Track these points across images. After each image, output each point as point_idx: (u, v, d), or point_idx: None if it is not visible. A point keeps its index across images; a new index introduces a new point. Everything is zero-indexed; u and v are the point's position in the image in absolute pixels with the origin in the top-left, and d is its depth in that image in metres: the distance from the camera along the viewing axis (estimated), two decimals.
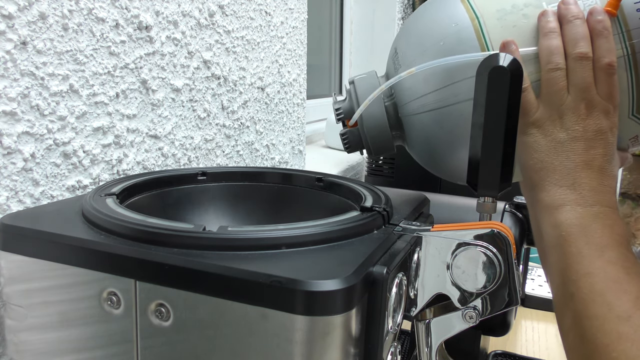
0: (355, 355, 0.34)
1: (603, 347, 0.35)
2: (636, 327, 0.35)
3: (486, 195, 0.42)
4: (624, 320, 0.35)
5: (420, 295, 0.40)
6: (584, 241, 0.39)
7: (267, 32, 0.88)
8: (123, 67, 0.57)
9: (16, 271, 0.39)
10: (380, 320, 0.35)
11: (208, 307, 0.33)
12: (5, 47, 0.44)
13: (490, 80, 0.41)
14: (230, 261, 0.33)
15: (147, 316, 0.35)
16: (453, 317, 0.40)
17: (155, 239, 0.36)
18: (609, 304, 0.36)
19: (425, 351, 0.41)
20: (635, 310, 0.35)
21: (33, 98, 0.47)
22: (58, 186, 0.51)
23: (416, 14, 0.53)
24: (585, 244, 0.39)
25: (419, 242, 0.39)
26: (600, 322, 0.36)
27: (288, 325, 0.31)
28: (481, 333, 0.70)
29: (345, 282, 0.31)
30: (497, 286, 0.38)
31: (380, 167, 1.06)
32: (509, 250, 0.37)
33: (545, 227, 0.42)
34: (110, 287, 0.36)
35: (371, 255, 0.36)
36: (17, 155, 0.46)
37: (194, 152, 0.71)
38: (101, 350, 0.37)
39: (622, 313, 0.35)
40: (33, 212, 0.43)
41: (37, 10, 0.47)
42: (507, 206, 0.69)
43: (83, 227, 0.39)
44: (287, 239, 0.36)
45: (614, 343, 0.35)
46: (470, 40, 0.46)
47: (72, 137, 0.52)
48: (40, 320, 0.39)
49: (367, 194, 0.48)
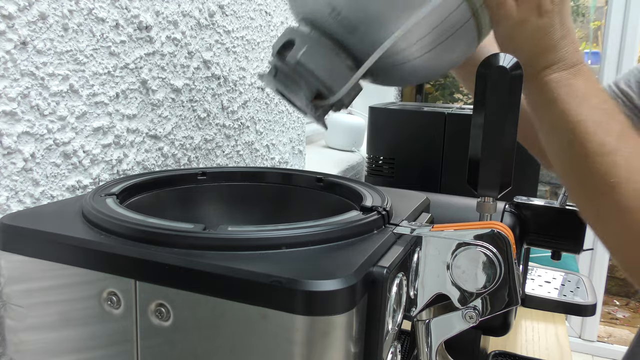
0: (355, 355, 0.34)
1: (601, 175, 0.47)
2: (626, 157, 0.46)
3: (486, 195, 0.42)
4: (614, 153, 0.47)
5: (420, 295, 0.40)
6: (572, 95, 0.49)
7: (267, 32, 0.88)
8: (123, 67, 0.57)
9: (16, 271, 0.39)
10: (380, 320, 0.35)
11: (208, 307, 0.33)
12: (5, 47, 0.44)
13: (490, 80, 0.41)
14: (230, 261, 0.33)
15: (147, 316, 0.35)
16: (453, 317, 0.40)
17: (155, 239, 0.36)
18: (600, 143, 0.47)
19: (425, 351, 0.41)
20: (620, 144, 0.47)
21: (33, 98, 0.47)
22: (58, 186, 0.51)
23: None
24: (573, 97, 0.49)
25: (419, 242, 0.39)
26: (598, 158, 0.47)
27: (288, 325, 0.31)
28: (481, 333, 0.70)
29: (345, 282, 0.31)
30: (497, 286, 0.38)
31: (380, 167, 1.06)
32: (509, 250, 0.37)
33: (539, 94, 0.51)
34: (110, 287, 0.36)
35: (371, 255, 0.36)
36: (17, 155, 0.46)
37: (194, 152, 0.71)
38: (101, 350, 0.37)
39: (611, 149, 0.47)
40: (33, 212, 0.43)
41: (37, 10, 0.47)
42: (507, 206, 0.69)
43: (83, 227, 0.39)
44: (287, 239, 0.36)
45: (610, 170, 0.46)
46: None
47: (72, 137, 0.52)
48: (40, 320, 0.39)
49: (367, 194, 0.48)
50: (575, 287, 0.92)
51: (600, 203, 0.48)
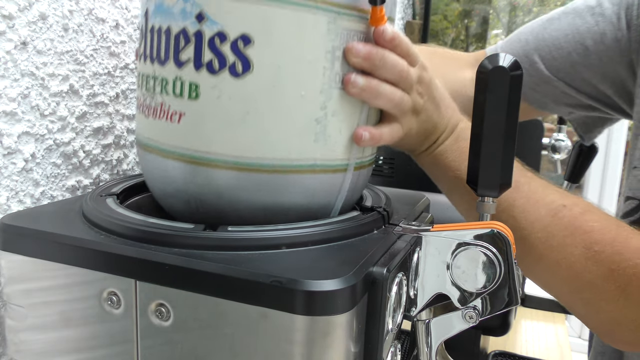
0: (355, 355, 0.34)
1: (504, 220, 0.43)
2: (522, 206, 0.47)
3: (486, 195, 0.42)
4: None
5: (420, 295, 0.40)
6: (460, 159, 0.49)
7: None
8: (123, 67, 0.57)
9: (16, 271, 0.39)
10: (380, 320, 0.35)
11: (208, 307, 0.33)
12: (6, 47, 0.44)
13: (490, 80, 0.41)
14: (230, 261, 0.33)
15: (147, 316, 0.35)
16: (453, 317, 0.40)
17: (155, 239, 0.36)
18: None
19: (425, 351, 0.41)
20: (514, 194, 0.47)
21: (33, 98, 0.47)
22: (58, 186, 0.51)
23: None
24: (461, 160, 0.48)
25: (419, 242, 0.39)
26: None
27: (288, 325, 0.31)
28: (481, 333, 0.70)
29: (345, 282, 0.31)
30: (497, 286, 0.38)
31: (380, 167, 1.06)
32: (509, 250, 0.37)
33: (432, 166, 0.51)
34: (110, 287, 0.36)
35: (371, 255, 0.36)
36: (17, 156, 0.46)
37: None
38: (101, 350, 0.37)
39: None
40: (33, 212, 0.43)
41: (38, 10, 0.47)
42: None
43: (83, 227, 0.39)
44: (287, 239, 0.36)
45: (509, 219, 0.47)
46: None
47: (72, 138, 0.52)
48: (41, 320, 0.39)
49: (367, 194, 0.48)
50: None
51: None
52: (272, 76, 0.38)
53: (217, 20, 0.37)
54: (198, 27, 0.37)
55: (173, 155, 0.40)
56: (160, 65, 0.39)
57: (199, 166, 0.39)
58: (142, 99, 0.42)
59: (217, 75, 0.37)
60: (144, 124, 0.42)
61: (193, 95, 0.38)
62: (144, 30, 0.41)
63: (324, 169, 0.41)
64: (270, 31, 0.37)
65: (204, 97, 0.38)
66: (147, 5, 0.40)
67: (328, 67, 0.39)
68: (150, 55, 0.40)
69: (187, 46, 0.37)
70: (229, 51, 0.37)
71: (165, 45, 0.38)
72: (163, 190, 0.43)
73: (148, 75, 0.41)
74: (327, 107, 0.39)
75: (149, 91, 0.41)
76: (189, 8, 0.37)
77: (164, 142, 0.40)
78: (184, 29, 0.37)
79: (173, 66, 0.38)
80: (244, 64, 0.37)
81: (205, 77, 0.37)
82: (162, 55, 0.39)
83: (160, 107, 0.40)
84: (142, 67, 0.42)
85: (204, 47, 0.37)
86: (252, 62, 0.37)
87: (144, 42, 0.41)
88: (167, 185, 0.42)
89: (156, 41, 0.39)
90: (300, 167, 0.39)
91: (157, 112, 0.40)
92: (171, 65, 0.38)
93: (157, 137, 0.41)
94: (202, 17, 0.37)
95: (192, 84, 0.38)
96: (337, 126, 0.40)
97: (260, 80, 0.37)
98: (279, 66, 0.37)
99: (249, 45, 0.37)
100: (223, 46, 0.37)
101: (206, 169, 0.39)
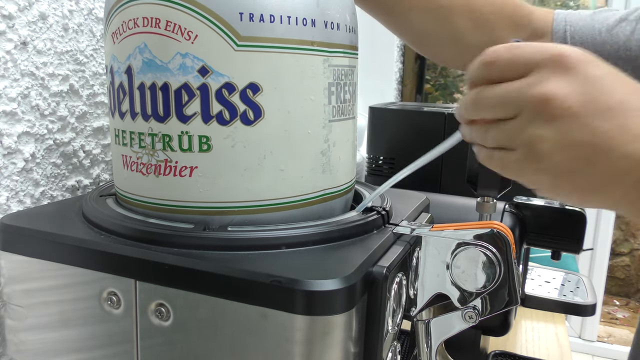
0: (355, 355, 0.34)
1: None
2: None
3: (486, 195, 0.42)
4: None
5: (420, 295, 0.40)
6: None
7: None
8: None
9: (16, 271, 0.39)
10: (380, 320, 0.35)
11: (208, 307, 0.33)
12: (6, 47, 0.44)
13: None
14: (230, 261, 0.33)
15: (147, 316, 0.35)
16: (453, 316, 0.40)
17: (155, 239, 0.36)
18: None
19: (425, 351, 0.41)
20: None
21: (33, 98, 0.47)
22: (58, 186, 0.51)
23: None
24: None
25: (419, 242, 0.39)
26: None
27: (288, 325, 0.31)
28: (481, 333, 0.70)
29: (345, 282, 0.31)
30: (496, 286, 0.38)
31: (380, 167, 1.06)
32: (509, 250, 0.37)
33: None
34: (110, 287, 0.36)
35: (371, 255, 0.36)
36: (17, 156, 0.46)
37: None
38: (101, 350, 0.37)
39: None
40: (33, 212, 0.43)
41: (37, 10, 0.47)
42: (507, 206, 0.69)
43: (83, 227, 0.39)
44: (287, 239, 0.36)
45: None
46: None
47: (72, 137, 0.52)
48: (40, 320, 0.39)
49: (367, 194, 0.48)
50: (575, 287, 0.92)
51: None
52: (282, 119, 0.38)
53: (222, 72, 0.36)
54: (202, 81, 0.36)
55: (184, 209, 0.39)
56: (160, 122, 0.38)
57: (211, 215, 0.39)
58: (133, 157, 0.40)
59: (229, 125, 0.37)
60: (139, 184, 0.40)
61: (204, 147, 0.37)
62: (127, 88, 0.39)
63: (332, 196, 0.42)
64: (277, 77, 0.37)
65: (217, 147, 0.37)
66: (128, 63, 0.38)
67: (326, 103, 0.40)
68: (141, 112, 0.38)
69: (192, 100, 0.37)
70: (238, 101, 0.37)
71: (164, 102, 0.37)
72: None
73: (141, 132, 0.39)
74: (329, 140, 0.41)
75: (144, 148, 0.39)
76: (190, 63, 0.36)
77: (172, 199, 0.39)
78: (185, 83, 0.36)
79: (176, 122, 0.37)
80: (255, 112, 0.37)
81: (216, 129, 0.37)
82: (160, 112, 0.37)
83: (165, 163, 0.38)
84: (128, 124, 0.39)
85: (211, 100, 0.36)
86: (262, 108, 0.37)
87: (128, 100, 0.39)
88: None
89: (149, 98, 0.38)
90: (312, 199, 0.41)
91: (161, 169, 0.39)
92: (174, 121, 0.37)
93: (165, 196, 0.39)
94: (206, 70, 0.36)
95: (201, 137, 0.37)
96: (337, 155, 0.42)
97: (272, 125, 0.38)
98: (288, 110, 0.38)
99: (258, 92, 0.37)
100: (232, 97, 0.36)
101: (220, 217, 0.39)
